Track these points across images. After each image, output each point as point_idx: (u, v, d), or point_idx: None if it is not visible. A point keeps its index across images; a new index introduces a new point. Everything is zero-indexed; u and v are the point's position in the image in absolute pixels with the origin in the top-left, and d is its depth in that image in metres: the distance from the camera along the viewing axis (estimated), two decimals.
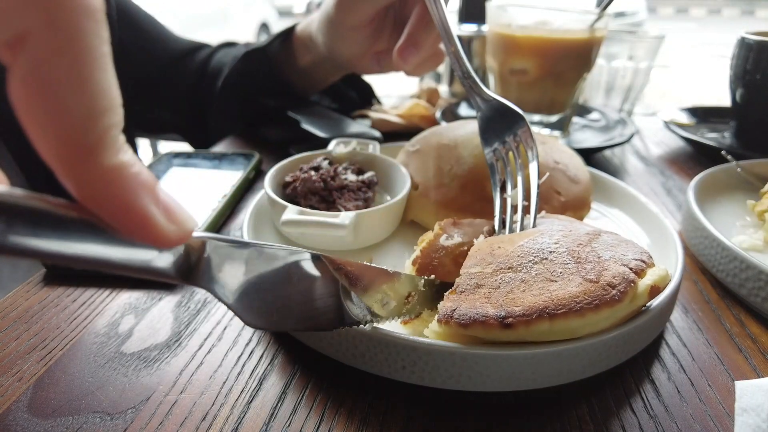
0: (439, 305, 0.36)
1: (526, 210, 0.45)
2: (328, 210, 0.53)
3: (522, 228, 0.44)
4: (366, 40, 0.74)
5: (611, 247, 0.40)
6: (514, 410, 0.36)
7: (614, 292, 0.35)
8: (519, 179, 0.47)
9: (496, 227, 0.45)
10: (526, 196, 0.46)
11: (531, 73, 0.80)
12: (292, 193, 0.55)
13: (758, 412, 0.31)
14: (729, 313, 0.47)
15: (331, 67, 0.86)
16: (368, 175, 0.58)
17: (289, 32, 0.89)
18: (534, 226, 0.44)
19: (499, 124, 0.51)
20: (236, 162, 0.74)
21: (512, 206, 0.46)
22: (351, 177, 0.57)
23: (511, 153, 0.50)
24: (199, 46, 1.01)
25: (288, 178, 0.57)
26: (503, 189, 0.48)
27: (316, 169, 0.58)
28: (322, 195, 0.54)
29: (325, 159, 0.61)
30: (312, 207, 0.54)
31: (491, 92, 0.52)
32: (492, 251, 0.39)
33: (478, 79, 0.54)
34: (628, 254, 0.39)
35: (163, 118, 1.02)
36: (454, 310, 0.35)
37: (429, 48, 0.67)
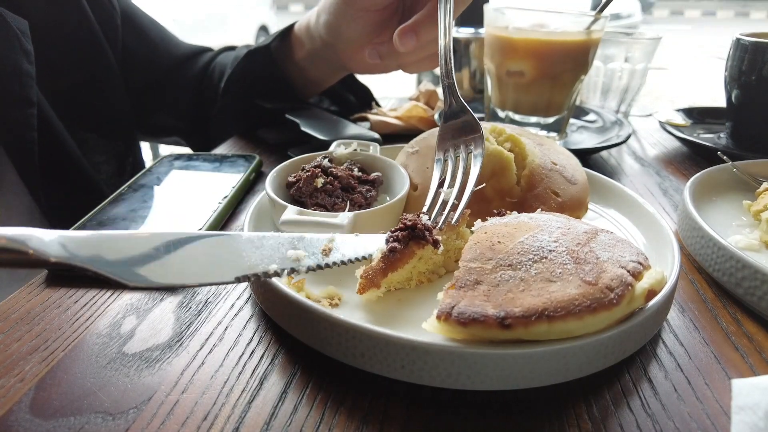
0: (439, 300, 0.37)
1: (454, 208, 0.49)
2: (333, 207, 0.54)
3: (444, 221, 0.48)
4: (372, 26, 0.75)
5: (609, 247, 0.40)
6: (512, 409, 0.36)
7: (612, 295, 0.35)
8: (457, 180, 0.51)
9: (426, 218, 0.48)
10: (458, 197, 0.50)
11: (528, 75, 0.81)
12: (296, 192, 0.56)
13: (755, 410, 0.31)
14: (725, 311, 0.47)
15: (326, 62, 0.86)
16: (374, 174, 0.59)
17: (288, 29, 0.90)
18: (456, 222, 0.48)
19: (458, 128, 0.56)
20: (237, 164, 0.74)
21: (443, 201, 0.50)
22: (356, 174, 0.58)
23: (458, 157, 0.54)
24: (201, 50, 1.02)
25: (291, 178, 0.57)
26: (441, 186, 0.53)
27: (320, 167, 0.58)
28: (327, 191, 0.55)
29: (326, 158, 0.61)
30: (318, 204, 0.54)
31: (463, 100, 0.57)
32: (492, 246, 0.40)
33: (455, 84, 0.59)
34: (626, 255, 0.39)
35: (165, 121, 1.02)
36: (453, 306, 0.35)
37: (427, 42, 0.69)
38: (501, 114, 0.87)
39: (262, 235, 0.38)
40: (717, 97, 0.95)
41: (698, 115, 0.98)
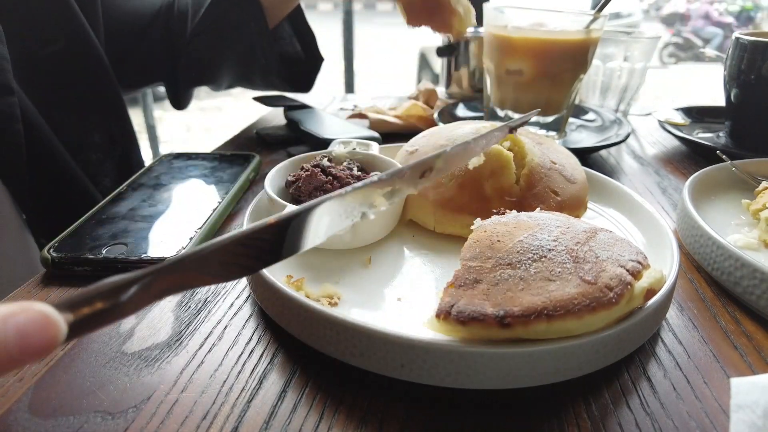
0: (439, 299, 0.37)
1: None
2: None
3: None
4: None
5: (608, 246, 0.40)
6: (512, 408, 0.37)
7: (611, 294, 0.35)
8: None
9: None
10: None
11: (527, 74, 0.80)
12: (295, 192, 0.56)
13: (753, 409, 0.31)
14: (724, 310, 0.47)
15: None
16: (374, 173, 0.59)
17: None
18: None
19: None
20: (236, 163, 0.74)
21: None
22: (356, 174, 0.58)
23: None
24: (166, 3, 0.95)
25: (290, 178, 0.57)
26: None
27: (319, 166, 0.58)
28: (327, 190, 0.55)
29: (325, 158, 0.61)
30: None
31: None
32: (491, 245, 0.40)
33: None
34: (625, 255, 0.39)
35: (140, 67, 0.95)
36: (452, 305, 0.35)
37: None
38: (500, 113, 0.87)
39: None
40: (717, 97, 0.95)
41: (697, 114, 0.98)
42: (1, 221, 0.67)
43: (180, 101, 0.98)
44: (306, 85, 1.02)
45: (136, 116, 3.61)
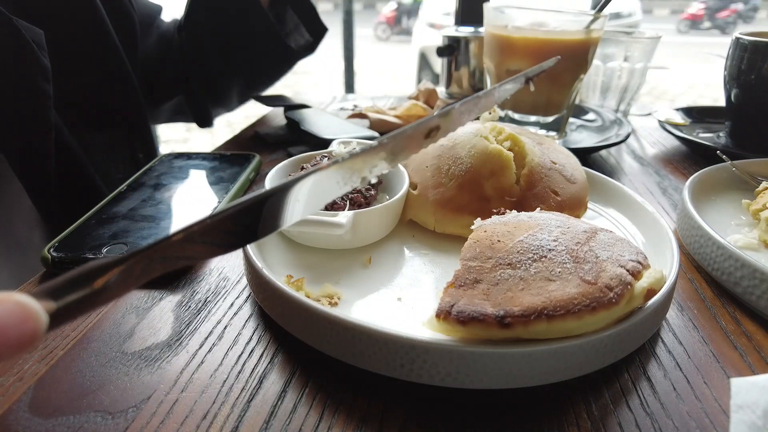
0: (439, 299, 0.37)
1: None
2: (333, 206, 0.54)
3: None
4: None
5: (608, 246, 0.40)
6: (512, 408, 0.37)
7: (611, 294, 0.35)
8: None
9: None
10: None
11: None
12: None
13: (753, 409, 0.31)
14: (724, 311, 0.47)
15: None
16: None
17: None
18: None
19: None
20: (236, 163, 0.74)
21: None
22: None
23: None
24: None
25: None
26: None
27: None
28: None
29: (325, 158, 0.61)
30: None
31: None
32: (491, 245, 0.40)
33: None
34: (625, 255, 0.39)
35: (165, 83, 0.99)
36: (452, 305, 0.35)
37: None
38: (500, 113, 0.87)
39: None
40: (718, 97, 0.95)
41: (697, 115, 0.98)
42: (29, 241, 0.71)
43: (204, 116, 1.00)
44: (310, 53, 1.04)
45: None
